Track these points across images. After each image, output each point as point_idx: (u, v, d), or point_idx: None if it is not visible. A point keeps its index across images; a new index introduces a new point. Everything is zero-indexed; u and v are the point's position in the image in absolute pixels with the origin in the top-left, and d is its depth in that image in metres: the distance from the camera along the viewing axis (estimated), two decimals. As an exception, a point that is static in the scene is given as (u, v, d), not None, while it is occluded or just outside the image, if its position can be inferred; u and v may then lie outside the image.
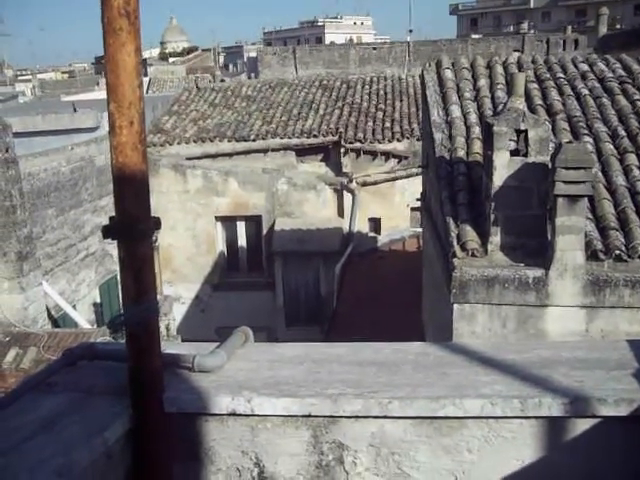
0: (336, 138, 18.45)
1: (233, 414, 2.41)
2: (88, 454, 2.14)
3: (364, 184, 18.48)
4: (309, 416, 2.39)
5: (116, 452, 2.31)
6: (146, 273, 2.28)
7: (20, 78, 63.67)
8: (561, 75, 10.51)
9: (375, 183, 18.51)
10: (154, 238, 2.38)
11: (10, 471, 1.99)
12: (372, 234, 18.95)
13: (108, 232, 2.24)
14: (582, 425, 2.34)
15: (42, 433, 2.21)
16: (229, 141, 19.04)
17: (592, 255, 7.24)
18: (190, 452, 2.49)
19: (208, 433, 2.46)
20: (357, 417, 2.38)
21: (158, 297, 2.44)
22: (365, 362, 2.67)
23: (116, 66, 2.10)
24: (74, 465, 2.06)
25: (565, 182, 6.79)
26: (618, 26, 51.80)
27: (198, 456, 2.49)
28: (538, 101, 9.76)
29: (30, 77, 59.42)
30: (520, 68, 10.68)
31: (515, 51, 26.38)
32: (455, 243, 7.63)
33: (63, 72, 77.71)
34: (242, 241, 19.95)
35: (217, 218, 19.52)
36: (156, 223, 2.29)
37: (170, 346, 2.73)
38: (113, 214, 2.24)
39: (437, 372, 2.57)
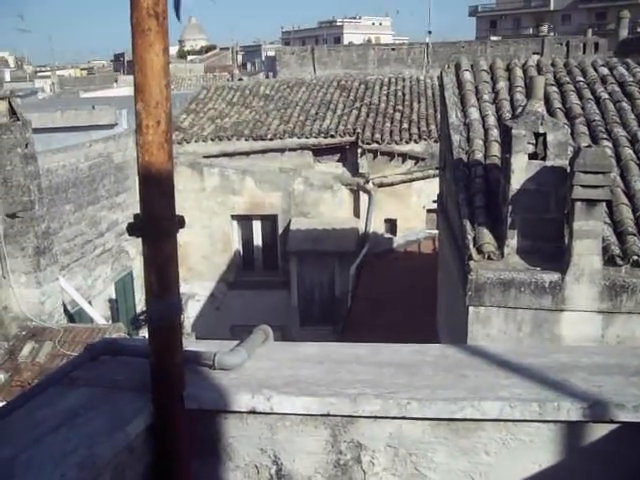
0: (353, 138, 18.46)
1: (253, 412, 2.43)
2: (111, 448, 2.17)
3: (381, 185, 18.47)
4: (328, 415, 2.41)
5: (137, 447, 2.34)
6: (170, 271, 2.30)
7: (39, 74, 64.08)
8: (581, 79, 10.47)
9: (392, 184, 18.50)
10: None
11: (35, 463, 2.02)
12: (388, 235, 18.94)
13: (133, 229, 2.26)
14: (600, 430, 2.34)
15: (65, 426, 2.24)
16: (246, 140, 19.08)
17: (609, 260, 7.21)
18: (209, 448, 2.51)
19: (228, 430, 2.48)
20: (376, 417, 2.39)
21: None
22: (384, 363, 2.69)
23: (144, 66, 2.13)
24: (97, 458, 2.09)
25: (583, 186, 6.76)
26: (639, 30, 51.41)
27: (217, 453, 2.51)
28: (557, 104, 9.73)
29: (49, 73, 59.74)
30: (539, 71, 10.65)
31: (534, 54, 26.26)
32: (471, 246, 7.62)
33: (82, 69, 78.21)
34: (258, 240, 20.01)
35: (233, 217, 19.59)
36: (180, 221, 2.32)
37: (191, 343, 2.76)
38: (130, 211, 2.26)
39: (456, 374, 2.58)
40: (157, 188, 2.22)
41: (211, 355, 2.60)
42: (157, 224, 2.23)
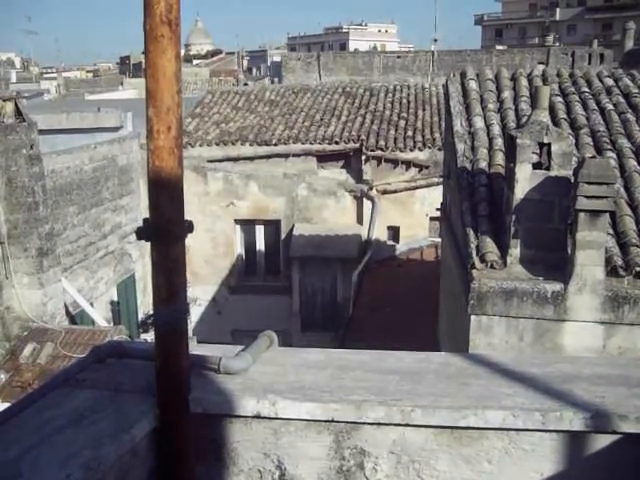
0: (357, 145, 18.48)
1: (257, 417, 2.44)
2: (115, 450, 2.18)
3: (384, 192, 18.49)
4: (332, 421, 2.42)
5: (141, 450, 2.35)
6: (177, 275, 2.32)
7: (45, 76, 64.26)
8: (586, 89, 10.49)
9: (395, 191, 18.53)
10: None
11: (41, 463, 2.04)
12: (390, 242, 18.96)
13: (142, 234, 2.28)
14: (603, 441, 2.35)
15: (71, 427, 2.25)
16: (251, 145, 19.13)
17: (612, 271, 7.21)
18: (213, 452, 2.52)
19: (232, 434, 2.49)
20: (379, 424, 2.40)
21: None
22: (388, 370, 2.70)
23: (156, 72, 2.15)
24: (102, 460, 2.10)
25: (587, 197, 6.77)
26: (644, 41, 51.37)
27: (221, 457, 2.52)
28: (562, 115, 9.75)
29: (55, 75, 59.96)
30: (545, 81, 10.67)
31: (540, 63, 26.28)
32: (474, 254, 7.63)
33: (88, 71, 78.35)
34: (260, 245, 20.02)
35: (236, 221, 19.61)
36: (189, 226, 2.34)
37: (193, 347, 2.77)
38: (133, 214, 2.28)
39: (459, 382, 2.59)
40: (167, 193, 2.24)
41: (216, 359, 2.61)
42: (166, 229, 2.25)
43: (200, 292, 19.46)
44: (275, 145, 19.00)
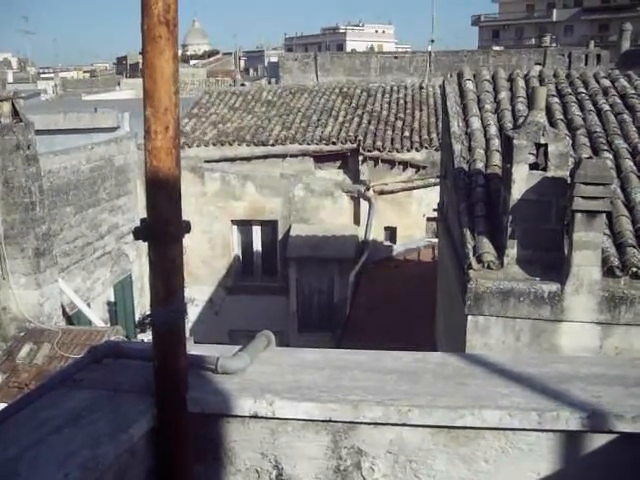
0: (355, 146, 18.49)
1: (255, 416, 2.44)
2: (113, 450, 2.18)
3: (381, 192, 18.50)
4: (329, 421, 2.42)
5: (139, 449, 2.35)
6: (175, 275, 2.32)
7: (43, 76, 64.15)
8: (582, 90, 10.51)
9: (392, 192, 18.53)
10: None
11: (39, 462, 2.04)
12: (387, 243, 18.96)
13: (140, 234, 2.28)
14: (599, 440, 2.35)
15: (69, 427, 2.26)
16: (248, 145, 19.12)
17: (608, 271, 7.22)
18: (211, 452, 2.52)
19: (229, 434, 2.50)
20: (376, 424, 2.41)
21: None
22: (386, 370, 2.70)
23: (154, 72, 2.15)
24: (100, 459, 2.10)
25: (584, 197, 6.78)
26: (641, 42, 51.40)
27: (219, 456, 2.53)
28: (559, 115, 9.76)
29: (52, 75, 59.87)
30: (541, 82, 10.68)
31: (537, 64, 26.29)
32: (471, 255, 7.63)
33: (85, 71, 78.25)
34: (257, 245, 20.02)
35: (233, 222, 19.60)
36: (186, 226, 2.34)
37: (193, 347, 2.78)
38: (130, 214, 2.28)
39: (456, 382, 2.60)
40: (164, 193, 2.24)
41: (214, 359, 2.62)
42: (164, 229, 2.25)
43: (197, 293, 19.44)
44: (272, 145, 19.00)
